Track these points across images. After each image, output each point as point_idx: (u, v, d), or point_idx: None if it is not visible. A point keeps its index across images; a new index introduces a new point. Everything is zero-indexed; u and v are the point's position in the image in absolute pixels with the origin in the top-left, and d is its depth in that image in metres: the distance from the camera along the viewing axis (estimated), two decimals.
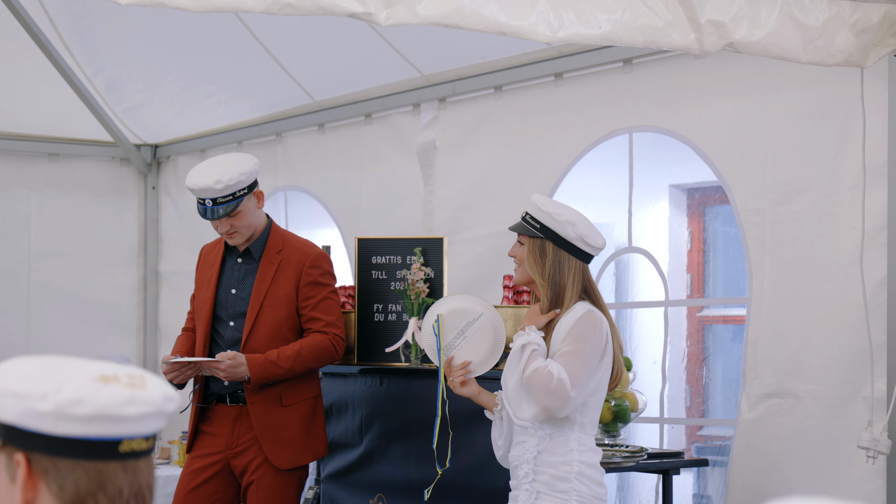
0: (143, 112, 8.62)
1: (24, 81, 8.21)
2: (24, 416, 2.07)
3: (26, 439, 2.08)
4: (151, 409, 2.11)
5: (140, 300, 9.14)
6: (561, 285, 4.62)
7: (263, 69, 7.53)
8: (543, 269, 4.63)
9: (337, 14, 4.06)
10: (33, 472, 2.09)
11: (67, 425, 2.07)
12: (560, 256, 4.62)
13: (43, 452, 2.08)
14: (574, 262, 4.63)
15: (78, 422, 2.07)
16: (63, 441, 2.08)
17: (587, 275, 4.68)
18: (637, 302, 6.68)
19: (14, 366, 2.13)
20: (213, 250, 5.87)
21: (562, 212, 4.62)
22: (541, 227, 4.63)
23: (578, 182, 6.42)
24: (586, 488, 4.53)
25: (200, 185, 5.53)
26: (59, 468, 2.08)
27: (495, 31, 4.19)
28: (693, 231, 6.65)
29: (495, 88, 6.67)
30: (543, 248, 4.64)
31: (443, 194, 6.90)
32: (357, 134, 7.52)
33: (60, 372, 2.11)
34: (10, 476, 2.11)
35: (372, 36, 6.69)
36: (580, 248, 4.62)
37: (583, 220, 4.64)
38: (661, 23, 4.38)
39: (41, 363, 2.14)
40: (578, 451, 4.54)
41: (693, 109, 5.81)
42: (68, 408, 2.06)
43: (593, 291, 4.67)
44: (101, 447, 2.09)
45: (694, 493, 6.47)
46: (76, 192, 8.93)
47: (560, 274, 4.62)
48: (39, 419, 2.07)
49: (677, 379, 6.53)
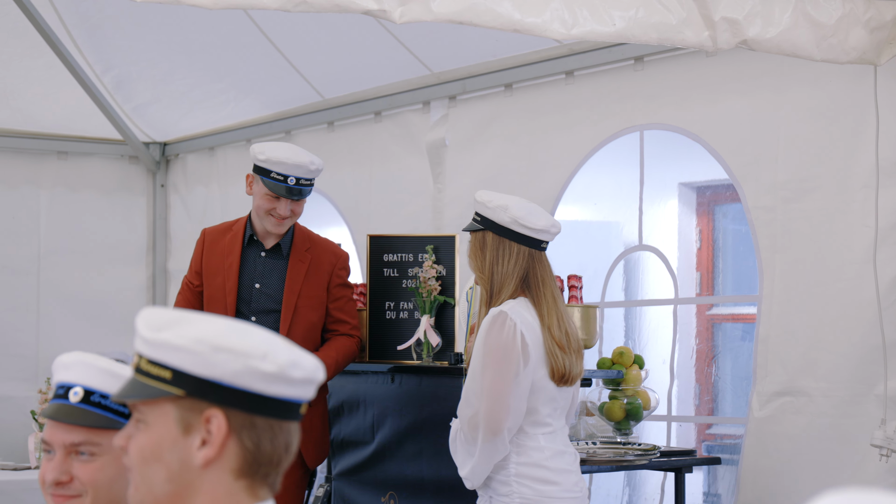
0: (152, 110, 8.63)
1: (34, 79, 8.22)
2: (240, 374, 2.09)
3: (228, 396, 2.09)
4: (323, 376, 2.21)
5: (149, 298, 9.14)
6: (500, 276, 4.55)
7: (273, 67, 7.52)
8: (483, 262, 4.58)
9: (352, 11, 4.06)
10: (229, 429, 2.10)
11: (281, 386, 2.11)
12: (500, 245, 4.55)
13: (245, 410, 2.10)
14: (517, 248, 4.54)
15: (290, 383, 2.12)
16: (269, 400, 2.11)
17: (535, 262, 4.58)
18: (646, 300, 6.68)
19: (203, 322, 2.14)
20: (224, 238, 5.71)
21: (495, 198, 4.56)
22: (481, 219, 4.59)
23: (589, 180, 6.42)
24: (528, 489, 4.50)
25: (295, 160, 5.46)
26: (257, 426, 2.12)
27: (509, 28, 4.18)
28: (703, 229, 6.65)
29: (505, 86, 6.67)
30: (484, 239, 4.58)
31: (452, 192, 6.89)
32: (367, 132, 7.51)
33: (257, 334, 2.14)
34: (182, 429, 2.12)
35: (382, 34, 6.69)
36: (520, 232, 4.53)
37: (519, 204, 4.54)
38: (675, 20, 4.38)
39: (226, 322, 2.15)
40: (515, 453, 4.52)
41: (704, 107, 5.81)
42: (288, 370, 2.11)
43: (537, 280, 4.57)
44: (292, 408, 2.15)
45: (704, 492, 6.47)
46: (85, 189, 8.93)
47: (499, 264, 4.55)
48: (257, 378, 2.09)
49: (686, 377, 6.53)
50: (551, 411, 4.58)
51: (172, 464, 2.13)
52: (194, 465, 2.11)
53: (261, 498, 2.15)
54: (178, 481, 2.13)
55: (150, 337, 2.13)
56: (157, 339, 2.12)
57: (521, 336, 4.46)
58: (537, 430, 4.54)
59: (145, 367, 2.15)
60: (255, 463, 2.12)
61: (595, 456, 5.30)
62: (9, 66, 8.09)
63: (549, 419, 4.57)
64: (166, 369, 2.11)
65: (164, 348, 2.11)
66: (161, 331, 2.12)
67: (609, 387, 5.66)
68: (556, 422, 4.60)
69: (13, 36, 7.76)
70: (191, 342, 2.09)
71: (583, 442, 5.53)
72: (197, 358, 2.09)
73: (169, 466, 2.13)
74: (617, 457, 5.32)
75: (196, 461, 2.11)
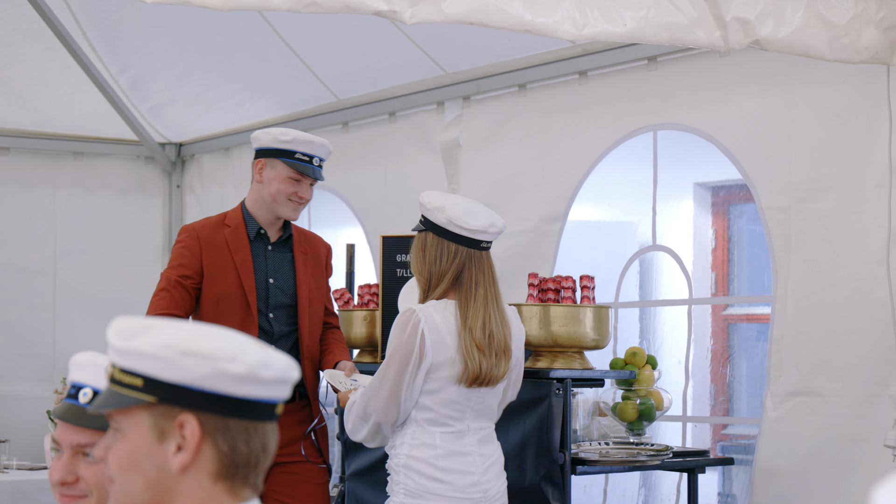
0: (167, 111, 8.65)
1: (50, 80, 8.25)
2: (210, 378, 2.09)
3: (199, 400, 2.09)
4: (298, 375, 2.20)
5: None
6: (435, 276, 4.59)
7: (288, 67, 7.53)
8: (423, 263, 4.61)
9: (362, 12, 4.06)
10: (203, 433, 2.11)
11: (251, 387, 2.11)
12: (439, 245, 4.58)
13: (217, 413, 2.10)
14: (454, 248, 4.56)
15: (261, 384, 2.12)
16: (241, 402, 2.11)
17: (471, 262, 4.59)
18: (661, 300, 6.67)
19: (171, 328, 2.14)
20: (220, 233, 5.47)
21: (434, 199, 4.58)
22: (423, 220, 4.62)
23: (602, 180, 6.41)
24: (412, 482, 4.57)
25: (319, 140, 5.44)
26: (231, 429, 2.12)
27: (520, 28, 4.19)
28: (717, 229, 6.64)
29: (519, 86, 6.67)
30: (425, 240, 4.61)
31: (466, 193, 6.88)
32: (381, 132, 7.52)
33: (226, 336, 2.14)
34: (157, 436, 2.12)
35: (396, 34, 6.70)
36: (456, 232, 4.55)
37: (456, 204, 4.56)
38: (687, 20, 4.37)
39: (193, 327, 2.15)
40: (410, 445, 4.58)
41: (717, 107, 5.80)
42: (258, 370, 2.11)
43: (470, 281, 4.58)
44: (268, 409, 2.15)
45: (719, 492, 6.46)
46: (101, 190, 8.96)
47: (435, 264, 4.58)
48: (226, 380, 2.09)
49: (701, 377, 6.52)
50: (454, 413, 4.59)
51: (150, 471, 2.13)
52: (171, 471, 2.12)
53: (243, 498, 2.15)
54: (157, 488, 2.13)
55: (120, 345, 2.14)
56: (126, 347, 2.13)
57: (422, 336, 4.51)
58: (435, 428, 4.58)
59: (118, 377, 2.15)
60: (231, 465, 2.13)
61: (607, 456, 5.29)
62: (25, 68, 8.12)
63: (449, 420, 4.59)
64: (137, 377, 2.12)
65: (134, 356, 2.12)
66: (130, 339, 2.12)
67: (622, 387, 5.65)
68: (460, 423, 4.62)
69: (29, 37, 7.79)
70: (159, 348, 2.09)
71: (595, 442, 5.53)
72: (165, 364, 2.09)
73: (146, 474, 2.13)
74: (629, 457, 5.31)
75: (173, 467, 2.11)
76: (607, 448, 5.40)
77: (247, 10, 4.15)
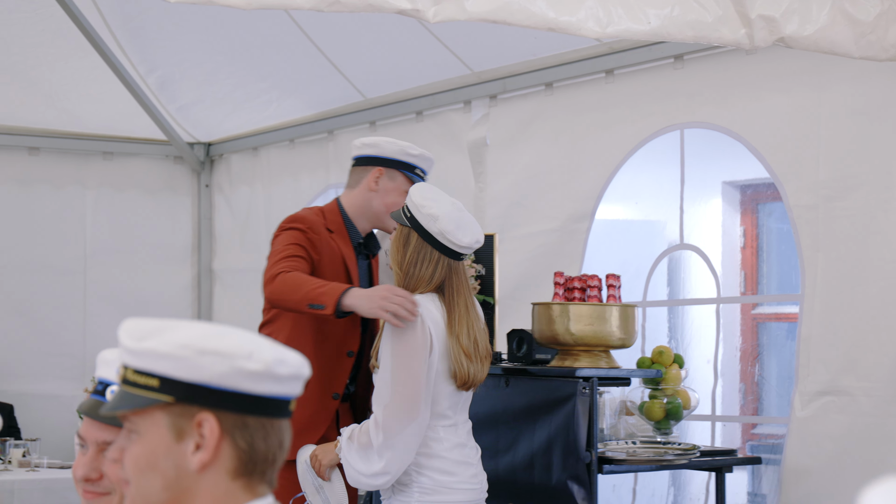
0: (195, 110, 8.67)
1: (79, 80, 8.28)
2: (227, 376, 2.10)
3: (218, 398, 2.10)
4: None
5: (194, 298, 9.19)
6: (416, 278, 4.61)
7: (315, 67, 7.55)
8: (403, 259, 4.62)
9: (385, 11, 4.06)
10: (222, 431, 2.11)
11: (268, 384, 2.12)
12: (422, 249, 4.60)
13: (235, 411, 2.11)
14: (437, 257, 4.60)
15: (278, 381, 2.13)
16: (258, 399, 2.12)
17: (452, 272, 4.63)
18: (689, 299, 6.65)
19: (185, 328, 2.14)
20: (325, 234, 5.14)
21: (428, 204, 4.57)
22: (410, 216, 4.62)
23: (630, 179, 6.40)
24: (426, 479, 4.59)
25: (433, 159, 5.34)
26: (249, 426, 2.12)
27: (543, 26, 4.17)
28: (746, 228, 6.62)
29: (546, 85, 6.66)
30: (408, 237, 4.62)
31: (494, 191, 6.89)
32: (408, 131, 7.52)
33: (240, 334, 2.15)
34: (175, 435, 2.13)
35: (423, 33, 6.70)
36: (443, 243, 4.58)
37: (450, 216, 4.56)
38: (711, 18, 4.35)
39: (207, 326, 2.16)
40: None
41: (745, 105, 5.77)
42: (274, 367, 2.12)
43: (452, 290, 4.62)
44: (283, 406, 2.16)
45: (748, 492, 6.44)
46: (130, 190, 8.99)
47: (416, 266, 4.60)
48: (243, 378, 2.10)
49: (730, 377, 6.49)
50: (451, 405, 4.66)
51: (168, 471, 2.13)
52: (190, 470, 2.12)
53: (259, 494, 2.15)
54: (175, 488, 2.13)
55: (134, 347, 2.14)
56: (141, 348, 2.13)
57: (428, 329, 4.56)
58: (437, 421, 4.62)
59: (132, 378, 2.15)
60: (250, 462, 2.13)
61: (634, 455, 5.28)
62: (54, 68, 8.16)
63: (448, 412, 4.65)
64: (153, 377, 2.12)
65: (150, 356, 2.12)
66: (144, 340, 2.13)
67: (649, 386, 5.63)
68: (456, 416, 4.68)
69: (58, 37, 7.82)
70: (175, 348, 2.10)
71: (622, 441, 5.51)
72: (183, 363, 2.10)
73: (165, 474, 2.14)
74: (656, 456, 5.30)
75: (192, 466, 2.12)
76: (634, 447, 5.39)
77: (270, 9, 4.15)
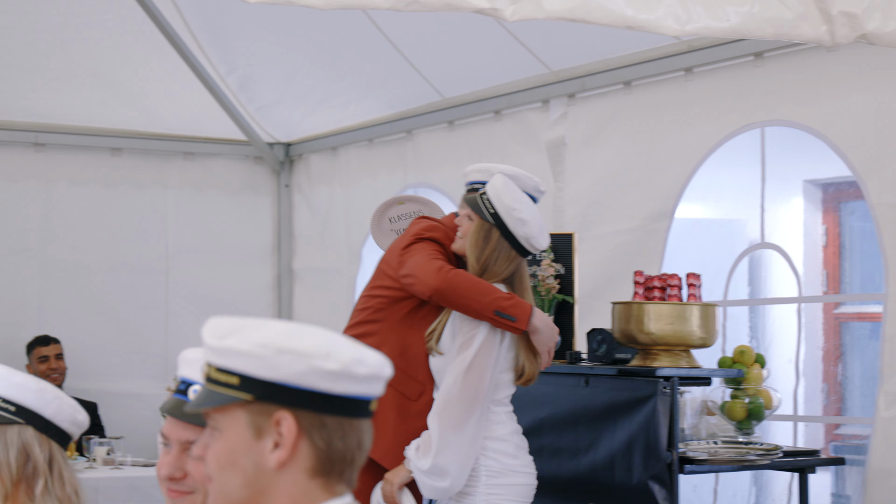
0: (275, 111, 8.73)
1: (160, 82, 8.37)
2: (305, 375, 2.10)
3: (296, 397, 2.11)
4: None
5: (274, 297, 9.25)
6: (490, 272, 4.70)
7: (393, 66, 7.56)
8: (481, 253, 4.70)
9: (463, 10, 4.06)
10: (299, 430, 2.12)
11: (346, 384, 2.12)
12: (502, 246, 4.69)
13: (313, 410, 2.12)
14: (513, 255, 4.71)
15: (356, 381, 2.13)
16: (336, 399, 2.12)
17: (521, 269, 4.76)
18: (770, 298, 6.60)
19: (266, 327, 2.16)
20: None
21: (519, 207, 4.66)
22: (493, 213, 4.68)
23: (709, 177, 6.35)
24: (494, 461, 4.66)
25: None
26: (326, 425, 2.13)
27: (622, 24, 4.15)
28: (828, 227, 6.56)
29: (624, 84, 6.62)
30: (489, 233, 4.70)
31: (573, 191, 6.87)
32: (486, 131, 7.52)
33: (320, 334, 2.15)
34: (254, 433, 2.14)
35: (501, 32, 6.69)
36: (523, 245, 4.68)
37: (535, 221, 4.68)
38: (792, 14, 4.31)
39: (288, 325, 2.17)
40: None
41: (826, 103, 5.71)
42: (352, 367, 2.12)
43: (521, 283, 4.74)
44: (362, 405, 2.16)
45: (832, 493, 6.39)
46: (211, 190, 9.07)
47: (495, 263, 4.70)
48: (321, 377, 2.11)
49: (813, 376, 6.44)
50: (509, 393, 4.76)
51: (247, 469, 2.14)
52: (268, 467, 2.13)
53: (337, 494, 2.16)
54: (254, 485, 2.14)
55: (216, 345, 2.15)
56: (222, 346, 2.14)
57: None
58: (500, 408, 4.72)
59: (214, 376, 2.16)
60: (328, 461, 2.13)
61: (716, 455, 5.25)
62: (136, 70, 8.24)
63: (506, 400, 4.75)
64: (234, 375, 2.13)
65: (230, 355, 2.13)
66: (225, 338, 2.14)
67: (730, 386, 5.59)
68: (510, 404, 4.78)
69: (140, 39, 7.90)
70: (254, 346, 2.11)
71: (704, 441, 5.48)
72: (261, 361, 2.10)
73: (244, 471, 2.15)
74: (738, 456, 5.26)
75: (270, 464, 2.13)
76: (715, 447, 5.36)
77: (349, 8, 4.16)
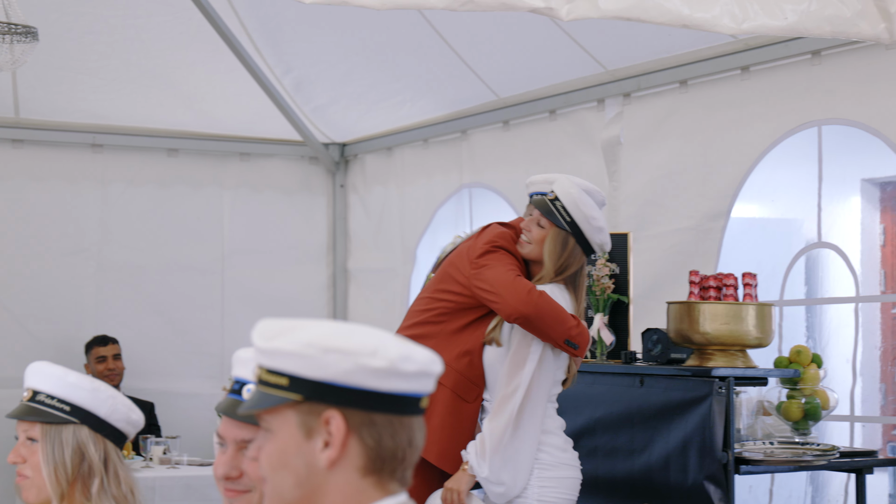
0: (330, 111, 8.75)
1: (216, 82, 8.41)
2: (352, 373, 2.11)
3: (344, 395, 2.11)
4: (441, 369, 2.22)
5: (329, 297, 9.28)
6: (562, 274, 4.79)
7: (448, 67, 7.57)
8: (558, 259, 4.79)
9: (518, 9, 4.07)
10: (349, 429, 2.13)
11: (394, 381, 2.12)
12: (575, 252, 4.79)
13: (361, 408, 2.12)
14: (583, 258, 4.83)
15: (404, 378, 2.13)
16: (384, 396, 2.12)
17: (584, 268, 4.87)
18: (827, 298, 6.56)
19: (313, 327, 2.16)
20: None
21: (596, 216, 4.77)
22: (571, 221, 4.76)
23: (766, 176, 6.32)
24: (546, 455, 4.75)
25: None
26: (376, 423, 2.13)
27: (678, 23, 4.15)
28: (886, 226, 6.52)
29: (680, 83, 6.60)
30: (566, 241, 4.80)
31: (628, 190, 6.85)
32: (541, 130, 7.51)
33: (367, 332, 2.16)
34: (304, 433, 2.14)
35: (555, 31, 6.68)
36: (594, 249, 4.83)
37: (606, 227, 4.82)
38: (850, 12, 4.29)
39: (335, 324, 2.17)
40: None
41: (885, 101, 5.67)
42: (400, 364, 2.12)
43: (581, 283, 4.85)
44: (412, 402, 2.16)
45: (890, 494, 6.35)
46: (267, 190, 9.11)
47: (569, 267, 4.80)
48: (368, 375, 2.11)
49: (870, 376, 6.40)
50: (558, 391, 4.85)
51: (299, 468, 2.15)
52: (320, 467, 2.13)
53: (391, 492, 2.16)
54: (306, 485, 2.15)
55: (265, 346, 2.16)
56: (270, 347, 2.15)
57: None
58: (550, 405, 4.81)
59: (265, 377, 2.17)
60: (378, 459, 2.14)
61: (773, 456, 5.22)
62: (193, 71, 8.29)
63: (555, 397, 4.84)
64: (283, 376, 2.14)
65: (279, 356, 2.14)
66: (273, 339, 2.15)
67: (786, 386, 5.56)
68: (556, 402, 4.86)
69: (196, 41, 7.95)
70: (301, 346, 2.11)
71: (760, 442, 5.45)
72: (309, 361, 2.11)
73: (296, 471, 2.15)
74: (795, 457, 5.24)
75: (321, 463, 2.13)
76: (771, 448, 5.33)
77: (404, 8, 4.18)
